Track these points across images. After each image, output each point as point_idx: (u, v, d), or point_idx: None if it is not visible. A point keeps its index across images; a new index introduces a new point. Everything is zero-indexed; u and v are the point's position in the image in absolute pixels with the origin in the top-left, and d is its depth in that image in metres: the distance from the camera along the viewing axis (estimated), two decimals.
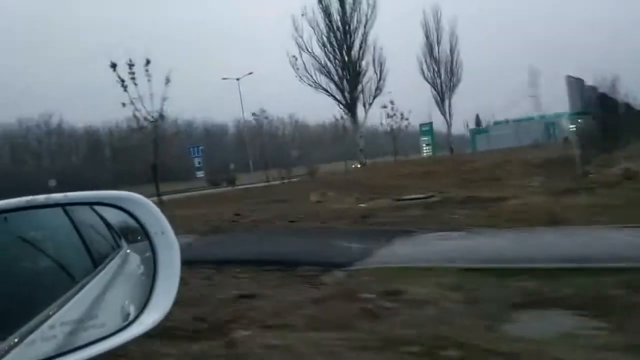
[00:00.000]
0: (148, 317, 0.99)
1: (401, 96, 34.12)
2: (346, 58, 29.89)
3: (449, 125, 39.22)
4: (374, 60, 30.88)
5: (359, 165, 41.60)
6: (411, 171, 16.60)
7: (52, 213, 1.02)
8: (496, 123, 47.64)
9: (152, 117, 13.97)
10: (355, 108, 30.10)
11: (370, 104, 30.55)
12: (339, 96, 29.99)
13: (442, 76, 38.58)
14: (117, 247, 1.24)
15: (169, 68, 14.56)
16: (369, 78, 30.63)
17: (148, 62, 13.91)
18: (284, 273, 5.29)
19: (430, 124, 42.91)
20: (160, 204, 14.20)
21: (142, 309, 1.01)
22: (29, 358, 0.79)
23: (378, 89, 30.82)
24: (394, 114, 35.78)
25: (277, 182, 23.36)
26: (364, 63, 30.35)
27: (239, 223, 8.70)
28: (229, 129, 63.21)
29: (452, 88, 38.98)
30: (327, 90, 29.91)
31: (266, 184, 24.43)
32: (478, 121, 56.05)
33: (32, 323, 0.82)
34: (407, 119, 37.37)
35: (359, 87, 30.13)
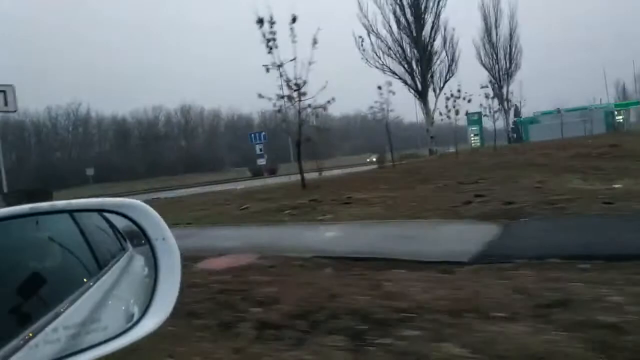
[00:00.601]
0: (149, 321, 1.01)
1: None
2: (417, 39, 27.72)
3: (507, 113, 37.25)
4: (444, 41, 28.83)
5: (374, 159, 39.64)
6: (554, 156, 14.58)
7: (59, 217, 1.03)
8: (544, 113, 45.72)
9: (297, 84, 11.80)
10: (427, 93, 28.05)
11: (441, 89, 28.49)
12: (409, 80, 27.89)
13: (500, 62, 36.65)
14: (122, 250, 1.22)
15: (317, 28, 12.23)
16: (440, 61, 28.59)
17: (294, 19, 11.60)
18: None
19: (479, 113, 40.89)
20: (304, 188, 12.11)
21: (143, 313, 1.02)
22: None
23: (449, 72, 28.80)
24: (494, 97, 33.65)
25: (365, 169, 21.29)
26: (436, 44, 28.28)
27: (514, 206, 6.67)
28: (254, 120, 61.85)
29: (510, 75, 37.09)
30: (395, 74, 27.79)
31: (349, 170, 22.30)
32: (517, 111, 54.02)
33: (35, 326, 0.84)
34: (509, 101, 35.23)
35: (430, 71, 28.04)
